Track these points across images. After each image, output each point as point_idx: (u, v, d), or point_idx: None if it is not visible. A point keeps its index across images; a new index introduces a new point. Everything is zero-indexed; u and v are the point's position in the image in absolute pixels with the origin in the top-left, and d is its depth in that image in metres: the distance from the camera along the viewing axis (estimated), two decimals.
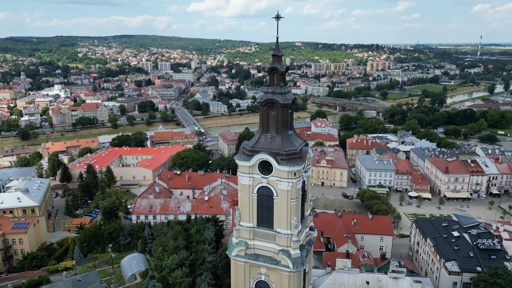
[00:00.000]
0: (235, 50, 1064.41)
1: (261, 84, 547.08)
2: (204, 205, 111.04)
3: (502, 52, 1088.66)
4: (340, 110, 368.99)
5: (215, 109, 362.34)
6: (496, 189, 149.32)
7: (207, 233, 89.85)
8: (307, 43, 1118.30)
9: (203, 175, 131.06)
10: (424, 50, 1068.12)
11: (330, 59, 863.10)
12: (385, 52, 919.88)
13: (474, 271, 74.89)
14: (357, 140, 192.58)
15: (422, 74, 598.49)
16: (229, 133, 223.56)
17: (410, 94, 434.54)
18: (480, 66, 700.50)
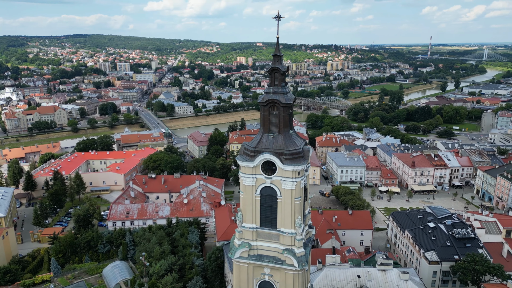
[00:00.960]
0: (196, 50, 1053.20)
1: (225, 85, 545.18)
2: (184, 208, 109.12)
3: (449, 52, 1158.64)
4: (305, 110, 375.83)
5: (180, 110, 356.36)
6: (458, 181, 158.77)
7: (191, 236, 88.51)
8: (268, 43, 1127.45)
9: (179, 177, 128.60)
10: (379, 50, 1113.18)
11: (291, 59, 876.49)
12: (343, 53, 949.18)
13: (452, 259, 79.35)
14: (326, 138, 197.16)
15: (379, 73, 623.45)
16: (199, 134, 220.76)
17: (369, 93, 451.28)
18: (431, 65, 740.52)
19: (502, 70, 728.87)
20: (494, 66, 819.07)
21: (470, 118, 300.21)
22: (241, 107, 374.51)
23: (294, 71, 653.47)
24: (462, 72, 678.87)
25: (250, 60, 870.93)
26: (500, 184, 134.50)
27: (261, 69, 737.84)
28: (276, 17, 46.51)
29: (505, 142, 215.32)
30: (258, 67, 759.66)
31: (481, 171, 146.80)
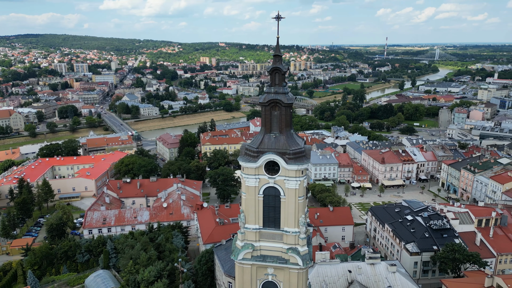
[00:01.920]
0: (157, 51, 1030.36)
1: (190, 85, 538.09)
2: (163, 213, 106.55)
3: (404, 52, 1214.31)
4: None
5: (146, 112, 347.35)
6: (424, 175, 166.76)
7: (176, 241, 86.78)
8: (230, 43, 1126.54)
9: (155, 181, 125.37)
10: (339, 50, 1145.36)
11: (254, 59, 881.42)
12: (305, 53, 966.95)
13: (431, 250, 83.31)
14: None
15: (340, 73, 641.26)
16: (168, 136, 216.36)
17: (333, 92, 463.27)
18: (388, 65, 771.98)
19: (453, 69, 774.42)
20: (445, 65, 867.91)
21: (428, 115, 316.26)
22: (208, 107, 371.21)
23: (259, 71, 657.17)
24: (417, 71, 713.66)
25: (214, 60, 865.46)
26: (464, 176, 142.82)
27: (225, 69, 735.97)
28: (276, 17, 46.52)
29: (462, 137, 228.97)
30: (222, 67, 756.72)
31: (445, 165, 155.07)
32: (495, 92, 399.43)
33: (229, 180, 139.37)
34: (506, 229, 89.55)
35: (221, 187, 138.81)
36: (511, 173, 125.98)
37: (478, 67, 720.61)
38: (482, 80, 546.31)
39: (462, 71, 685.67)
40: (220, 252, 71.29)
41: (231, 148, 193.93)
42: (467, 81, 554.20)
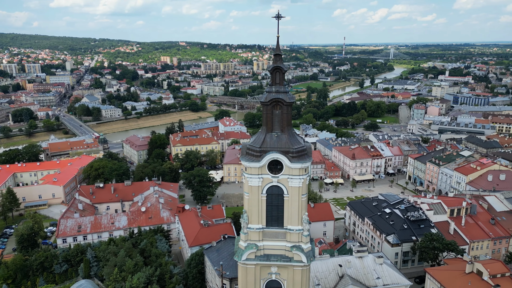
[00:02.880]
0: (114, 50, 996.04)
1: (152, 85, 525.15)
2: (142, 217, 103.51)
3: (361, 52, 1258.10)
4: (238, 109, 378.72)
5: (108, 114, 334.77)
6: (391, 169, 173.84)
7: (161, 245, 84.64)
8: (191, 43, 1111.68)
9: (130, 185, 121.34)
10: (300, 50, 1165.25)
11: (216, 59, 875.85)
12: (267, 52, 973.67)
13: (411, 240, 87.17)
14: None
15: (303, 72, 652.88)
16: (136, 138, 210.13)
17: (297, 91, 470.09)
18: (347, 64, 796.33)
19: (407, 67, 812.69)
20: (400, 64, 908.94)
21: (389, 112, 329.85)
22: (174, 108, 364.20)
23: (222, 71, 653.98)
24: (374, 70, 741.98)
25: (175, 60, 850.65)
26: (429, 169, 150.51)
27: (188, 68, 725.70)
28: (276, 17, 46.76)
29: (422, 132, 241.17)
30: (184, 67, 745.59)
31: (411, 159, 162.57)
32: (447, 89, 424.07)
33: (205, 181, 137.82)
34: (476, 218, 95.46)
35: (197, 189, 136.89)
36: (473, 165, 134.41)
37: (430, 66, 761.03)
38: (435, 78, 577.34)
39: (415, 69, 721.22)
40: (212, 254, 70.38)
41: (203, 148, 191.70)
42: (421, 79, 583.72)
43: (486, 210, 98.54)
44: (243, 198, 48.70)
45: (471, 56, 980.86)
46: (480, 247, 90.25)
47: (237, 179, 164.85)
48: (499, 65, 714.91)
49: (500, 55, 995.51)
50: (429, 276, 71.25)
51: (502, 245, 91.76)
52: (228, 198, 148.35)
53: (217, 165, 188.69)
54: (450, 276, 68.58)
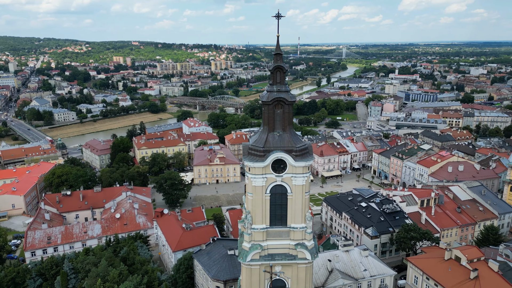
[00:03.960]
0: (62, 50, 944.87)
1: (107, 87, 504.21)
2: (117, 224, 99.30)
3: (315, 51, 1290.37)
4: (200, 109, 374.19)
5: (61, 117, 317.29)
6: (357, 164, 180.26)
7: (143, 252, 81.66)
8: (145, 42, 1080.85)
9: (100, 191, 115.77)
10: (256, 50, 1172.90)
11: (172, 58, 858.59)
12: (224, 52, 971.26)
13: (388, 232, 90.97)
14: (236, 136, 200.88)
15: (261, 72, 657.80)
16: (97, 142, 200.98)
17: (257, 91, 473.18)
18: (303, 64, 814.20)
19: (359, 66, 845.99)
20: (352, 63, 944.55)
21: (347, 109, 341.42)
22: (132, 110, 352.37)
23: (180, 71, 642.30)
24: (329, 69, 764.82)
25: (129, 60, 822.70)
26: (393, 163, 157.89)
27: (143, 69, 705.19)
28: (276, 16, 46.81)
29: (381, 128, 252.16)
30: (139, 67, 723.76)
31: (376, 154, 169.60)
32: (399, 86, 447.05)
33: (177, 184, 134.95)
34: (443, 207, 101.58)
35: (169, 192, 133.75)
36: (434, 157, 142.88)
37: (380, 65, 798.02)
38: (385, 76, 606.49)
39: (367, 68, 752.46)
40: (202, 258, 68.99)
41: (169, 151, 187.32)
42: (373, 77, 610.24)
43: (452, 199, 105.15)
44: (246, 198, 48.36)
45: (416, 55, 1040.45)
46: (450, 235, 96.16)
47: (208, 180, 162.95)
48: (442, 64, 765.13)
49: (442, 54, 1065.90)
50: (411, 264, 74.81)
51: (469, 231, 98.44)
52: (200, 200, 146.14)
53: (185, 167, 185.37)
54: (430, 264, 72.40)
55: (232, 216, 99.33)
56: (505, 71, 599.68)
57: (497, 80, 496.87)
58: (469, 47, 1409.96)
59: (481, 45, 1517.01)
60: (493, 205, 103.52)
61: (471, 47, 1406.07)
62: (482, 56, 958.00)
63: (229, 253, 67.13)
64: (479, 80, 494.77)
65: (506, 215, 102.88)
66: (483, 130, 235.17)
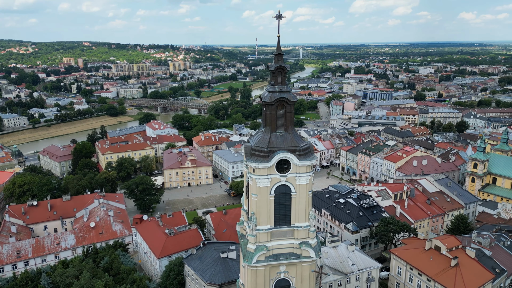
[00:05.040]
0: (6, 51, 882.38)
1: (59, 90, 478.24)
2: (92, 233, 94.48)
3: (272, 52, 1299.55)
4: (161, 111, 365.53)
5: (11, 123, 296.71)
6: (325, 161, 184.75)
7: (126, 260, 78.44)
8: (97, 43, 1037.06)
9: (70, 200, 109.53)
10: (214, 50, 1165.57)
11: (127, 59, 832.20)
12: (181, 53, 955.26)
13: (368, 226, 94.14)
14: (205, 137, 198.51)
15: (221, 72, 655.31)
16: (56, 149, 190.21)
17: (219, 92, 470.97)
18: (262, 64, 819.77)
19: (316, 67, 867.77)
20: (309, 64, 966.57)
21: (309, 109, 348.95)
22: (89, 113, 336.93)
23: (137, 72, 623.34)
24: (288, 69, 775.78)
25: (80, 61, 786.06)
26: (361, 159, 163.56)
27: (96, 70, 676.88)
28: (276, 16, 46.96)
29: (344, 126, 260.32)
30: (92, 69, 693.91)
31: (343, 151, 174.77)
32: (356, 86, 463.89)
33: (149, 189, 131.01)
34: (415, 200, 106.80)
35: (141, 197, 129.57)
36: (399, 153, 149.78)
37: (336, 65, 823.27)
38: (342, 76, 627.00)
39: (324, 69, 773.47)
40: (194, 263, 67.40)
41: (136, 155, 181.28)
42: (330, 77, 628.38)
43: (422, 192, 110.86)
44: (249, 200, 47.98)
45: (368, 56, 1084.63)
46: (422, 226, 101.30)
47: (179, 184, 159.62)
48: (393, 63, 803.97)
49: (392, 54, 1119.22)
50: (394, 256, 77.91)
51: (439, 221, 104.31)
52: (173, 205, 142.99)
53: (154, 171, 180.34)
54: (412, 254, 75.82)
55: (214, 219, 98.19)
56: (450, 70, 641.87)
57: (444, 79, 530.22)
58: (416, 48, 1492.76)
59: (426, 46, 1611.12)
60: (459, 196, 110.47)
61: (418, 48, 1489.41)
62: (428, 56, 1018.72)
63: (221, 256, 66.20)
64: (428, 78, 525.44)
65: (471, 204, 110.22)
66: (437, 126, 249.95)
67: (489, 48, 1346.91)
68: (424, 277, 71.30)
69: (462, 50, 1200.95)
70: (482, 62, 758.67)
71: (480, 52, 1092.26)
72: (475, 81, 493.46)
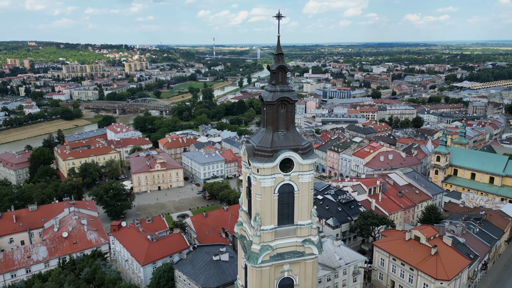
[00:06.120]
0: None
1: (5, 93, 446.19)
2: (65, 244, 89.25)
3: (230, 52, 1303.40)
4: (120, 113, 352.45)
5: None
6: None
7: (108, 270, 75.09)
8: (44, 42, 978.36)
9: (36, 210, 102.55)
10: (170, 50, 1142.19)
11: (78, 60, 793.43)
12: (136, 53, 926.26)
13: (347, 221, 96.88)
14: (172, 139, 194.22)
15: (180, 73, 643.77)
16: (10, 156, 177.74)
17: (179, 92, 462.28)
18: (221, 64, 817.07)
19: None
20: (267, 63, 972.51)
21: None
22: (42, 117, 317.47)
23: (90, 73, 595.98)
24: (247, 69, 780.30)
25: (27, 62, 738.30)
26: (330, 156, 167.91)
27: (45, 71, 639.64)
28: (276, 16, 46.88)
29: (308, 124, 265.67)
30: (41, 70, 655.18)
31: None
32: (315, 85, 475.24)
33: (120, 194, 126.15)
34: (387, 193, 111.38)
35: (111, 204, 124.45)
36: (366, 149, 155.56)
37: (293, 65, 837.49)
38: (301, 76, 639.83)
39: None
40: (185, 267, 65.68)
41: (100, 159, 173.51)
42: (289, 77, 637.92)
43: (392, 185, 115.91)
44: (253, 200, 47.60)
45: (323, 56, 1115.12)
46: (396, 218, 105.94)
47: (149, 188, 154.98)
48: (348, 63, 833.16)
49: (345, 54, 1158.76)
50: (377, 248, 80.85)
51: (410, 213, 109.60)
52: (145, 209, 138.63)
53: (120, 176, 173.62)
54: (394, 245, 79.13)
55: (195, 222, 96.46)
56: (401, 69, 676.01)
57: (396, 77, 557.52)
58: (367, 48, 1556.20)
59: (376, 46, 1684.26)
60: (426, 188, 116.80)
61: (369, 48, 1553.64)
62: (379, 55, 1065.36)
63: (214, 259, 65.11)
64: (381, 77, 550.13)
65: (438, 195, 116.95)
66: (395, 122, 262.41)
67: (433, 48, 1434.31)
68: (407, 266, 74.67)
69: (409, 50, 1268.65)
70: (428, 61, 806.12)
71: (425, 52, 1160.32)
72: (424, 79, 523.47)
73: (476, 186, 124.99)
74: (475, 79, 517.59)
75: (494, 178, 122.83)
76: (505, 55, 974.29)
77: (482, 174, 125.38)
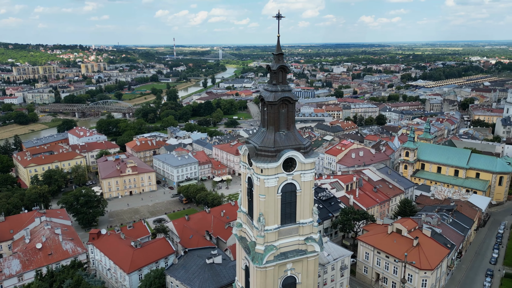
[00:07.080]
0: None
1: None
2: (39, 255, 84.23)
3: (191, 53, 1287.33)
4: (80, 117, 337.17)
5: None
6: None
7: (91, 280, 71.80)
8: None
9: (4, 221, 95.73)
10: (128, 51, 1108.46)
11: (29, 61, 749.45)
12: (92, 53, 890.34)
13: (329, 217, 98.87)
14: (141, 142, 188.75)
15: (140, 74, 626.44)
16: None
17: (141, 94, 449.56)
18: (183, 65, 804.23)
19: (237, 67, 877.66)
20: (230, 64, 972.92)
21: (240, 109, 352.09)
22: None
23: (43, 75, 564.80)
24: (210, 70, 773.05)
25: None
26: None
27: None
28: (276, 16, 46.83)
29: None
30: None
31: None
32: None
33: (92, 201, 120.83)
34: (363, 189, 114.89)
35: (82, 211, 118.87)
36: (338, 146, 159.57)
37: (256, 65, 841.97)
38: (264, 76, 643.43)
39: (246, 69, 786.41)
40: (178, 272, 63.96)
41: (65, 165, 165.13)
42: (253, 77, 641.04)
43: (367, 181, 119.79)
44: (256, 201, 47.35)
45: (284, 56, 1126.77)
46: (373, 212, 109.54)
47: (120, 193, 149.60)
48: (308, 63, 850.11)
49: (305, 55, 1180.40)
50: (362, 242, 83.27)
51: (386, 207, 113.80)
52: (118, 216, 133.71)
53: (87, 182, 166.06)
54: (377, 239, 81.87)
55: (177, 226, 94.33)
56: (359, 69, 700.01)
57: (356, 77, 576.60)
58: (325, 48, 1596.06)
59: (334, 47, 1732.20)
60: (399, 182, 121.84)
61: (327, 48, 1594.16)
62: (338, 56, 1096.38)
63: (207, 262, 64.03)
64: (342, 77, 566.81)
65: (409, 189, 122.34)
66: (359, 120, 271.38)
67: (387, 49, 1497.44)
68: (392, 258, 77.49)
69: (366, 51, 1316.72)
70: (384, 61, 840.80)
71: (380, 52, 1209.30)
72: (382, 79, 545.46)
73: (442, 179, 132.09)
74: (428, 78, 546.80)
75: (458, 171, 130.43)
76: (453, 55, 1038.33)
77: (448, 168, 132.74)
